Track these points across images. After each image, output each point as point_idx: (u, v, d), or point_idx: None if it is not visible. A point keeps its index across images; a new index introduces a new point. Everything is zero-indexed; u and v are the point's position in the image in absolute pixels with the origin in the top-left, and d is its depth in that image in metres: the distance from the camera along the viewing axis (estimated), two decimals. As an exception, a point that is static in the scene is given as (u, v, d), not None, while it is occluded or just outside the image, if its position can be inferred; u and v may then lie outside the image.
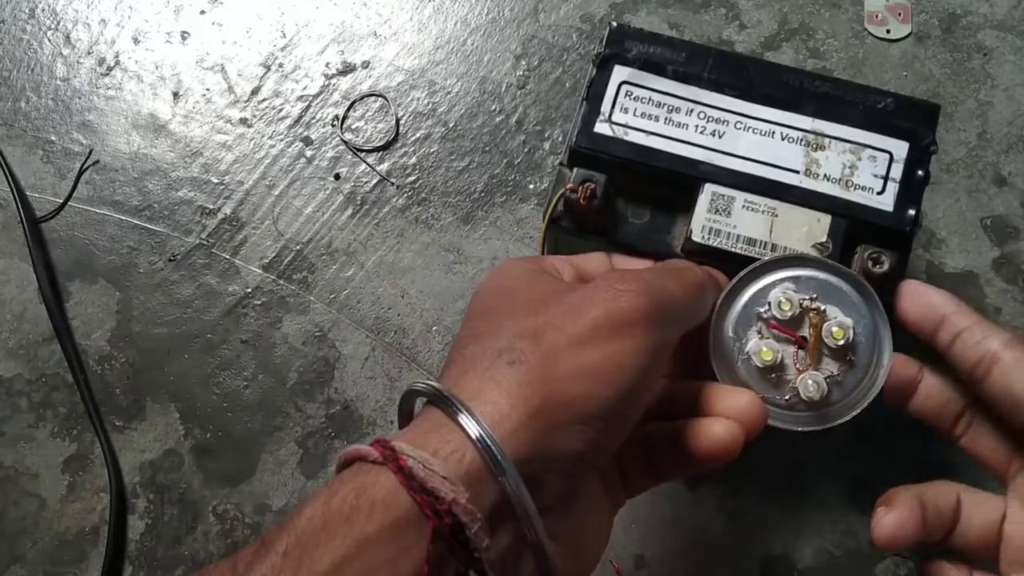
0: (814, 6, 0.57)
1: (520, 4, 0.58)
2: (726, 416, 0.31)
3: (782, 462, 0.48)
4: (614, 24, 0.41)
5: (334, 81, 0.56)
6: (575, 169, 0.38)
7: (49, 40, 0.58)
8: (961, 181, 0.53)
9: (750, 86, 0.40)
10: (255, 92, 0.56)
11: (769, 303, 0.34)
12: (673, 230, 0.40)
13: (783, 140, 0.39)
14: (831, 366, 0.34)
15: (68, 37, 0.58)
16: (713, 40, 0.56)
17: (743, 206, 0.38)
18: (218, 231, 0.53)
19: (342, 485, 0.25)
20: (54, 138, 0.56)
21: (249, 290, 0.52)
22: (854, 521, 0.47)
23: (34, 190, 0.54)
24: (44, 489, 0.49)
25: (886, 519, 0.32)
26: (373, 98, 0.56)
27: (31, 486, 0.49)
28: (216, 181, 0.54)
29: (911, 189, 0.38)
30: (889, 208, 0.38)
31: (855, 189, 0.38)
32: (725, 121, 0.40)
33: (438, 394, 0.27)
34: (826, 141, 0.39)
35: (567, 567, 0.28)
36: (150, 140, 0.55)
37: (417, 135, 0.55)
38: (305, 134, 0.55)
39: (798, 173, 0.39)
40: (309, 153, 0.55)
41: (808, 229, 0.38)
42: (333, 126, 0.55)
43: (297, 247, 0.53)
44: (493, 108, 0.55)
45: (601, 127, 0.39)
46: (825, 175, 0.39)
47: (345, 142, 0.55)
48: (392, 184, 0.54)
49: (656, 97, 0.40)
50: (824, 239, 0.37)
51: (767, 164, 0.39)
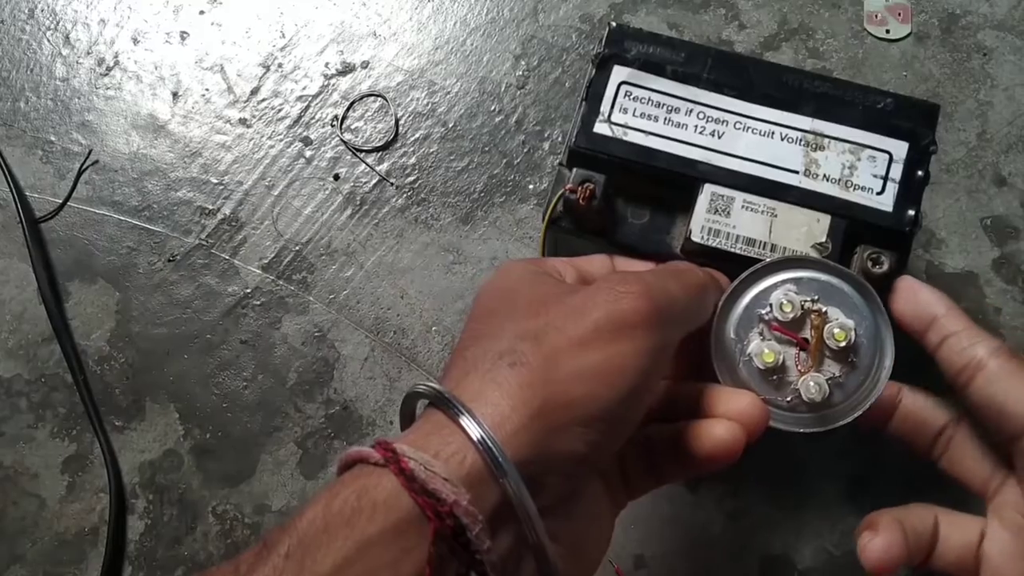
0: (814, 6, 0.57)
1: (519, 4, 0.58)
2: (727, 418, 0.32)
3: (782, 462, 0.48)
4: (613, 24, 0.41)
5: (333, 81, 0.56)
6: (574, 169, 0.38)
7: (48, 40, 0.58)
8: (961, 181, 0.53)
9: (749, 86, 0.40)
10: (254, 92, 0.56)
11: (771, 305, 0.34)
12: (673, 230, 0.40)
13: (782, 140, 0.39)
14: (833, 368, 0.34)
15: (67, 37, 0.58)
16: (712, 40, 0.56)
17: (742, 206, 0.38)
18: (217, 231, 0.53)
19: (343, 487, 0.25)
20: (53, 138, 0.56)
21: (248, 290, 0.52)
22: (854, 521, 0.47)
23: (33, 190, 0.54)
24: (44, 489, 0.49)
25: (873, 544, 0.32)
26: (372, 98, 0.56)
27: (31, 486, 0.49)
28: (215, 181, 0.54)
29: (911, 189, 0.38)
30: (889, 208, 0.38)
31: (855, 189, 0.38)
32: (724, 121, 0.40)
33: (439, 396, 0.27)
34: (825, 141, 0.39)
35: (568, 568, 0.28)
36: (149, 140, 0.55)
37: (416, 135, 0.55)
38: (304, 134, 0.55)
39: (797, 173, 0.39)
40: (308, 153, 0.55)
41: (807, 229, 0.38)
42: (332, 126, 0.55)
43: (296, 247, 0.53)
44: (492, 108, 0.55)
45: (600, 127, 0.39)
46: (824, 175, 0.39)
47: (344, 142, 0.55)
48: (391, 184, 0.54)
49: (655, 97, 0.40)
50: (823, 239, 0.37)
51: (766, 164, 0.39)
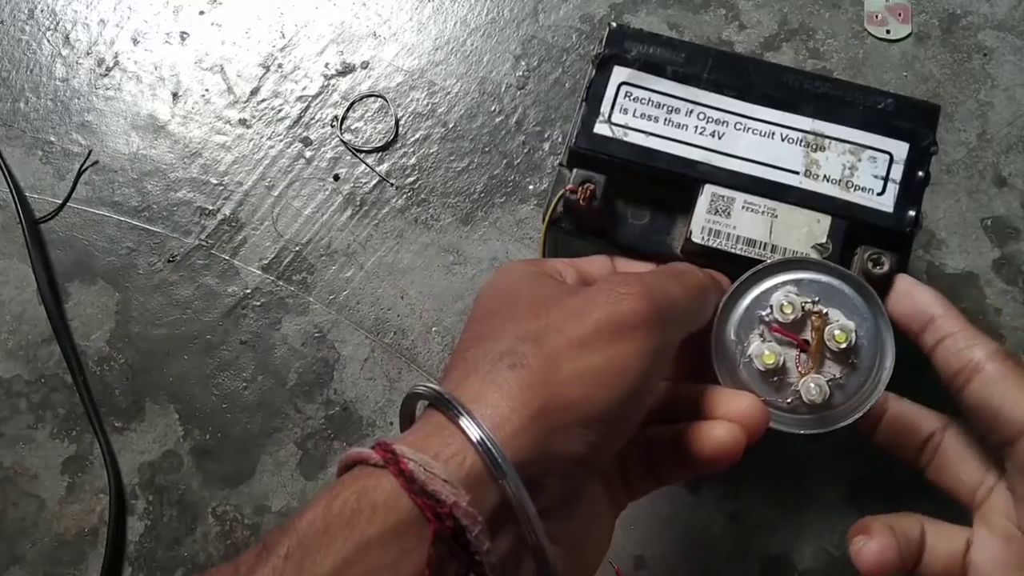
0: (814, 6, 0.57)
1: (520, 4, 0.58)
2: (728, 419, 0.31)
3: (782, 463, 0.48)
4: (613, 24, 0.41)
5: (333, 82, 0.56)
6: (575, 170, 0.38)
7: (48, 41, 0.58)
8: (961, 182, 0.53)
9: (750, 87, 0.40)
10: (254, 93, 0.56)
11: (771, 306, 0.34)
12: (673, 231, 0.40)
13: (783, 141, 0.39)
14: (833, 369, 0.34)
15: (67, 38, 0.58)
16: (713, 40, 0.56)
17: (743, 207, 0.38)
18: (217, 232, 0.53)
19: (343, 488, 0.25)
20: (53, 139, 0.56)
21: (248, 291, 0.52)
22: (854, 522, 0.47)
23: (33, 191, 0.54)
24: (43, 490, 0.49)
25: (868, 547, 0.32)
26: (372, 99, 0.56)
27: (30, 487, 0.49)
28: (215, 182, 0.54)
29: (911, 190, 0.38)
30: (889, 209, 0.38)
31: (855, 190, 0.38)
32: (725, 122, 0.40)
33: (439, 397, 0.27)
34: (826, 142, 0.39)
35: (568, 569, 0.28)
36: (149, 141, 0.55)
37: (416, 136, 0.55)
38: (304, 135, 0.55)
39: (798, 174, 0.39)
40: (308, 154, 0.55)
41: (808, 230, 0.38)
42: (332, 127, 0.55)
43: (296, 248, 0.53)
44: (493, 109, 0.55)
45: (601, 128, 0.39)
46: (825, 176, 0.39)
47: (344, 143, 0.55)
48: (391, 185, 0.54)
49: (656, 98, 0.40)
50: (824, 240, 0.37)
51: (767, 165, 0.39)
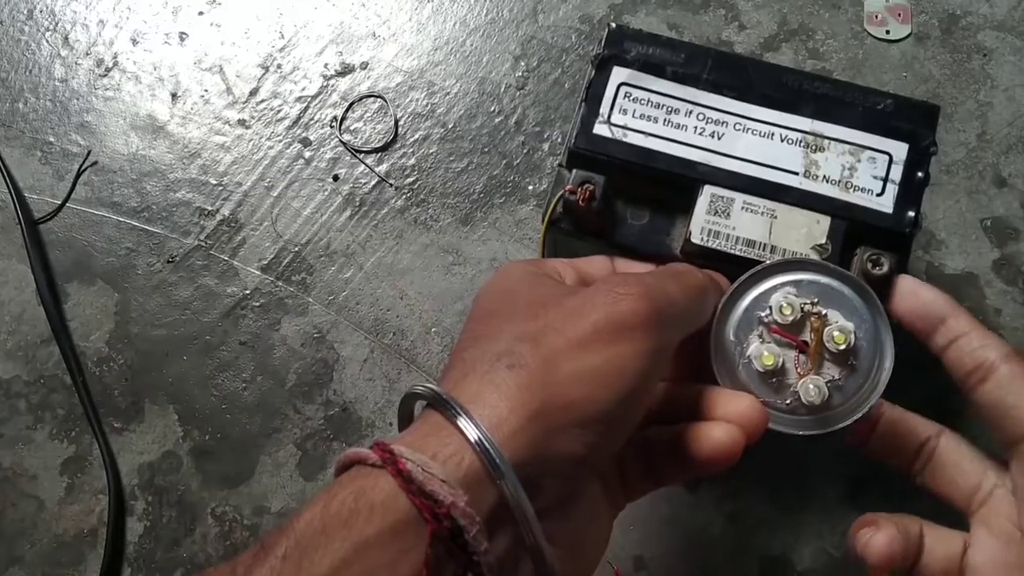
0: (813, 7, 0.57)
1: (519, 5, 0.57)
2: (727, 420, 0.31)
3: (782, 463, 0.48)
4: (613, 25, 0.41)
5: (333, 82, 0.56)
6: (574, 170, 0.38)
7: (47, 41, 0.58)
8: (961, 182, 0.52)
9: (749, 87, 0.40)
10: (253, 93, 0.56)
11: (770, 307, 0.34)
12: (672, 232, 0.40)
13: (782, 141, 0.39)
14: (832, 370, 0.34)
15: (66, 38, 0.58)
16: (712, 41, 0.56)
17: (742, 208, 0.38)
18: (216, 232, 0.53)
19: (341, 488, 0.25)
20: (52, 139, 0.56)
21: (248, 292, 0.52)
22: (853, 522, 0.47)
23: (32, 191, 0.54)
24: (42, 491, 0.49)
25: (876, 539, 0.32)
26: (372, 99, 0.56)
27: (29, 488, 0.49)
28: (214, 182, 0.54)
29: (911, 190, 0.38)
30: (889, 210, 0.38)
31: (854, 191, 0.38)
32: (724, 122, 0.39)
33: (437, 397, 0.27)
34: (825, 142, 0.39)
35: (566, 570, 0.28)
36: (148, 141, 0.55)
37: (416, 136, 0.55)
38: (304, 135, 0.55)
39: (797, 175, 0.39)
40: (308, 154, 0.55)
41: (807, 231, 0.38)
42: (332, 127, 0.55)
43: (296, 248, 0.53)
44: (492, 109, 0.55)
45: (600, 128, 0.39)
46: (824, 177, 0.39)
47: (344, 143, 0.55)
48: (391, 185, 0.54)
49: (655, 98, 0.40)
50: (823, 241, 0.37)
51: (766, 166, 0.39)
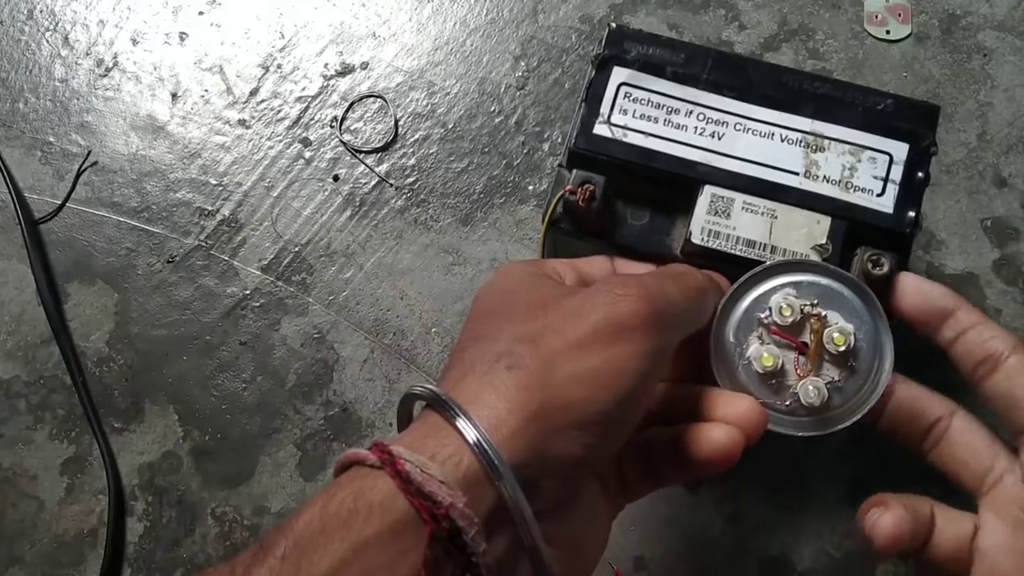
0: (814, 7, 0.57)
1: (519, 5, 0.57)
2: (726, 421, 0.31)
3: (782, 464, 0.48)
4: (613, 25, 0.41)
5: (333, 82, 0.56)
6: (574, 171, 0.38)
7: (47, 41, 0.58)
8: (961, 182, 0.52)
9: (749, 87, 0.40)
10: (253, 93, 0.56)
11: (770, 308, 0.34)
12: (672, 232, 0.40)
13: (782, 142, 0.39)
14: (832, 372, 0.34)
15: (66, 38, 0.58)
16: (712, 41, 0.56)
17: (742, 208, 0.38)
18: (217, 232, 0.53)
19: (340, 489, 0.25)
20: (52, 139, 0.56)
21: (248, 292, 0.52)
22: (854, 523, 0.47)
23: (32, 191, 0.54)
24: (42, 491, 0.49)
25: (884, 519, 0.32)
26: (372, 99, 0.56)
27: (29, 488, 0.49)
28: (215, 182, 0.54)
29: (911, 191, 0.38)
30: (889, 210, 0.38)
31: (855, 191, 0.38)
32: (724, 122, 0.39)
33: (436, 398, 0.27)
34: (826, 143, 0.39)
35: (564, 571, 0.28)
36: (148, 141, 0.55)
37: (416, 136, 0.55)
38: (304, 135, 0.55)
39: (797, 175, 0.39)
40: (308, 154, 0.55)
41: (808, 231, 0.38)
42: (332, 127, 0.55)
43: (296, 248, 0.53)
44: (492, 109, 0.55)
45: (600, 128, 0.39)
46: (825, 177, 0.38)
47: (344, 143, 0.55)
48: (391, 185, 0.54)
49: (655, 98, 0.40)
50: (824, 241, 0.37)
51: (766, 166, 0.39)
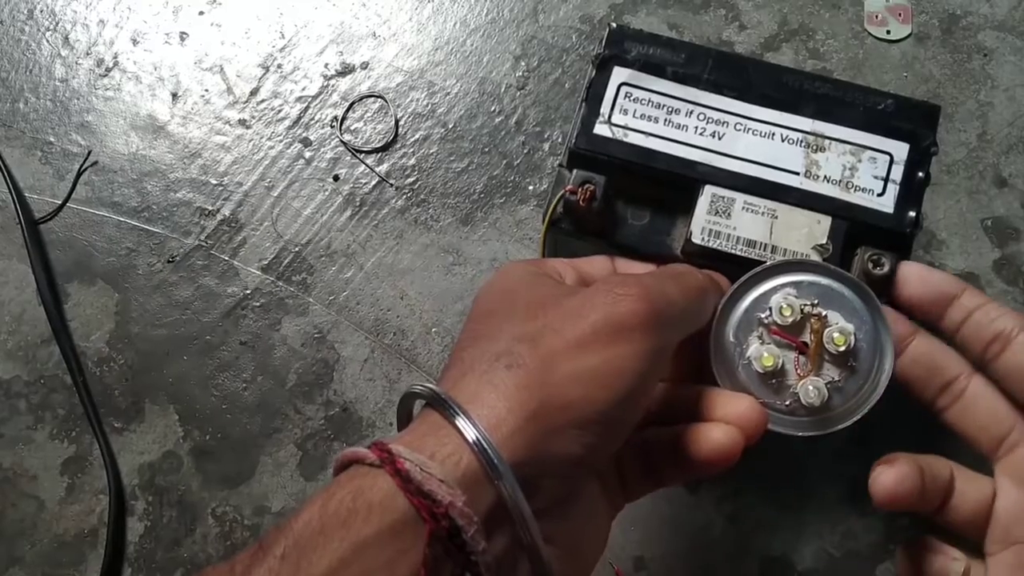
0: (814, 7, 0.57)
1: (519, 5, 0.57)
2: (726, 421, 0.31)
3: (782, 464, 0.48)
4: (613, 25, 0.41)
5: (333, 82, 0.56)
6: (574, 171, 0.38)
7: (48, 41, 0.58)
8: (961, 182, 0.52)
9: (750, 87, 0.40)
10: (254, 93, 0.56)
11: (770, 308, 0.34)
12: (673, 232, 0.40)
13: (783, 141, 0.39)
14: (832, 372, 0.34)
15: (67, 38, 0.58)
16: (713, 41, 0.56)
17: (743, 208, 0.38)
18: (217, 232, 0.53)
19: (339, 488, 0.25)
20: (52, 139, 0.56)
21: (248, 292, 0.52)
22: (854, 522, 0.47)
23: (32, 191, 0.54)
24: (43, 491, 0.49)
25: (885, 474, 0.31)
26: (372, 99, 0.56)
27: (30, 488, 0.49)
28: (215, 182, 0.54)
29: (911, 191, 0.38)
30: (889, 210, 0.38)
31: (855, 191, 0.38)
32: (725, 122, 0.39)
33: (436, 397, 0.27)
34: (826, 142, 0.39)
35: (563, 570, 0.28)
36: (149, 141, 0.55)
37: (416, 136, 0.55)
38: (304, 135, 0.55)
39: (798, 175, 0.38)
40: (308, 154, 0.55)
41: (808, 231, 0.37)
42: (332, 127, 0.55)
43: (296, 248, 0.53)
44: (492, 109, 0.55)
45: (600, 128, 0.39)
46: (825, 177, 0.38)
47: (344, 143, 0.55)
48: (391, 185, 0.54)
49: (656, 98, 0.40)
50: (824, 241, 0.37)
51: (767, 166, 0.39)
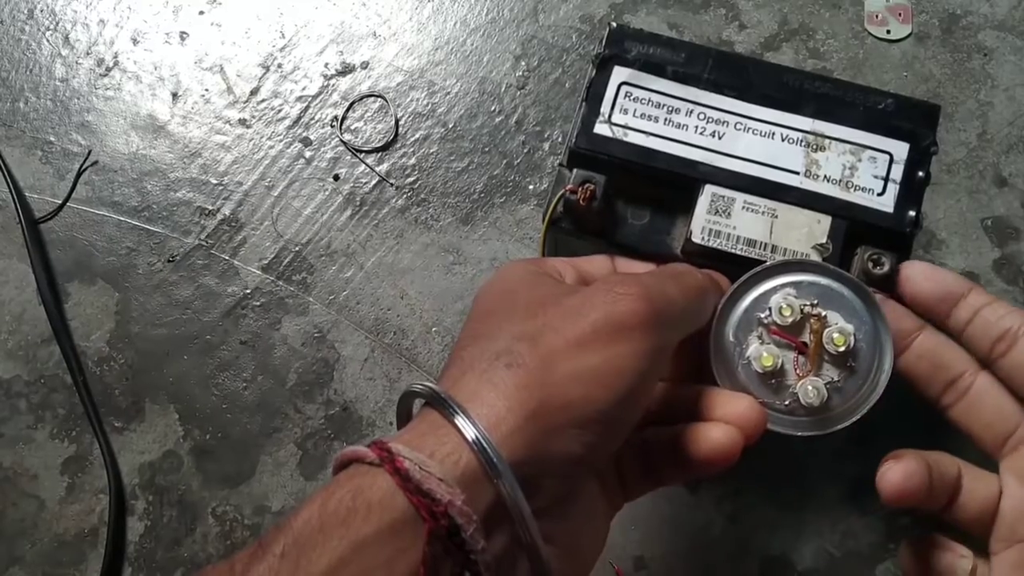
0: (814, 6, 0.57)
1: (520, 4, 0.57)
2: (725, 421, 0.31)
3: (782, 463, 0.48)
4: (614, 24, 0.41)
5: (333, 82, 0.56)
6: (575, 170, 0.38)
7: (48, 41, 0.58)
8: (961, 182, 0.52)
9: (750, 87, 0.40)
10: (254, 93, 0.56)
11: (770, 308, 0.34)
12: (673, 231, 0.40)
13: (783, 141, 0.39)
14: (831, 372, 0.34)
15: (67, 38, 0.58)
16: (713, 40, 0.56)
17: (743, 207, 0.38)
18: (217, 232, 0.53)
19: (339, 487, 0.25)
20: (53, 139, 0.56)
21: (248, 291, 0.52)
22: (854, 522, 0.47)
23: (33, 191, 0.54)
24: (43, 490, 0.49)
25: (893, 470, 0.31)
26: (372, 99, 0.56)
27: (30, 487, 0.49)
28: (215, 182, 0.54)
29: (911, 190, 0.38)
30: (889, 209, 0.38)
31: (855, 190, 0.38)
32: (725, 122, 0.39)
33: (435, 396, 0.27)
34: (826, 142, 0.39)
35: (563, 569, 0.28)
36: (149, 141, 0.55)
37: (416, 136, 0.55)
38: (304, 135, 0.55)
39: (798, 174, 0.38)
40: (308, 154, 0.55)
41: (808, 230, 0.37)
42: (332, 127, 0.55)
43: (296, 248, 0.53)
44: (492, 109, 0.55)
45: (601, 128, 0.39)
46: (825, 176, 0.38)
47: (344, 143, 0.55)
48: (391, 185, 0.54)
49: (656, 98, 0.40)
50: (824, 240, 0.37)
51: (767, 165, 0.39)
